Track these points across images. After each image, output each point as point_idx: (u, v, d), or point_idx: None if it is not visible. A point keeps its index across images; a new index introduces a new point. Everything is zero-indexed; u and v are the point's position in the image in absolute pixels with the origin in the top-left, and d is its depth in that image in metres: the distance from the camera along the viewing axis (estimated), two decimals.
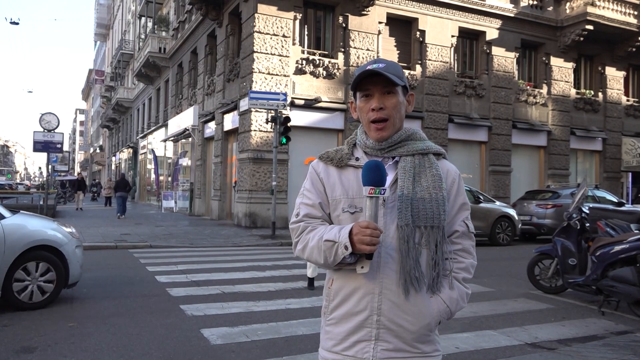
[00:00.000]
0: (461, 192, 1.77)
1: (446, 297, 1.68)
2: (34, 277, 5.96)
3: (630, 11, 20.99)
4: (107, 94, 53.35)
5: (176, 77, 26.95)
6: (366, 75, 1.68)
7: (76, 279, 6.41)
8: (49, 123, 18.65)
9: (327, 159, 1.77)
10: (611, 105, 22.76)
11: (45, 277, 6.02)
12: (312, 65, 16.57)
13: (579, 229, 6.94)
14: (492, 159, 19.94)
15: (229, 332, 5.08)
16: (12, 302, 5.81)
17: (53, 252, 6.11)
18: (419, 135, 1.79)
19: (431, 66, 18.57)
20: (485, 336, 5.12)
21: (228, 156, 19.38)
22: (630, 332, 5.46)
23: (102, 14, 61.60)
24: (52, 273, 6.06)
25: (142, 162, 35.59)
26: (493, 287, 7.64)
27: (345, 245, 1.54)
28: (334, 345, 1.69)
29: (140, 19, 34.95)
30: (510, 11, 19.91)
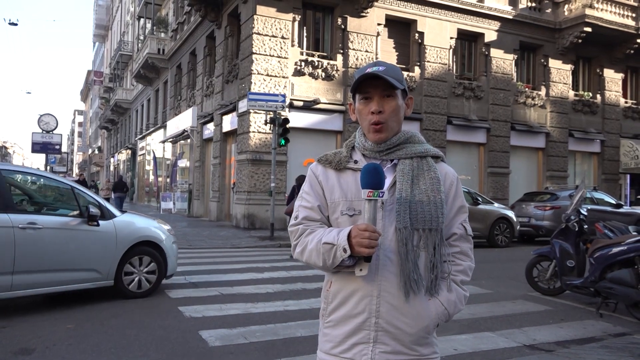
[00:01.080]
0: (459, 195, 1.78)
1: (444, 300, 1.68)
2: (139, 270, 6.65)
3: (628, 13, 21.05)
4: (105, 95, 53.34)
5: (175, 78, 26.95)
6: (366, 78, 1.68)
7: (173, 271, 7.11)
8: (48, 124, 18.66)
9: (325, 162, 1.78)
10: (609, 107, 22.80)
11: (148, 268, 6.71)
12: (311, 66, 16.58)
13: (577, 231, 6.95)
14: (490, 160, 19.96)
15: (227, 334, 5.08)
16: (122, 291, 6.51)
17: (154, 247, 6.80)
18: (418, 138, 1.79)
19: (430, 68, 18.59)
20: (484, 338, 5.13)
21: (227, 157, 19.38)
22: (628, 334, 5.47)
23: (101, 15, 61.64)
24: (153, 264, 6.75)
25: (141, 164, 35.58)
26: (491, 288, 7.64)
27: (344, 248, 1.54)
28: (332, 348, 1.70)
29: (139, 20, 34.98)
30: (509, 13, 19.95)
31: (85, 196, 6.38)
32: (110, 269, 6.35)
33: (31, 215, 5.88)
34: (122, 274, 6.49)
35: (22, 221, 5.62)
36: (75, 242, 6.07)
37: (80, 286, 6.17)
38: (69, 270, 5.98)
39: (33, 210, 6.22)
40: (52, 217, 6.07)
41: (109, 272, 6.35)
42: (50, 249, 5.82)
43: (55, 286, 5.93)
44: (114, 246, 6.37)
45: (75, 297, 6.63)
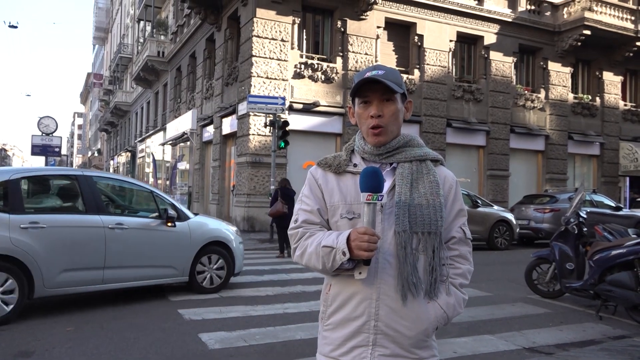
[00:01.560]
0: (458, 199, 1.78)
1: (443, 303, 1.69)
2: (210, 267, 7.20)
3: (627, 16, 21.09)
4: (105, 97, 53.38)
5: (175, 80, 26.98)
6: (365, 82, 1.69)
7: (239, 270, 7.58)
8: (47, 127, 18.66)
9: (325, 165, 1.79)
10: (609, 110, 22.83)
11: (217, 266, 7.25)
12: (310, 69, 16.60)
13: (577, 234, 6.95)
14: (490, 163, 19.97)
15: (227, 337, 5.08)
16: (195, 287, 7.08)
17: (223, 247, 7.32)
18: (417, 141, 1.80)
19: (429, 71, 18.62)
20: (483, 341, 5.13)
21: (226, 160, 19.38)
22: (628, 336, 5.47)
23: (100, 18, 61.69)
24: (222, 262, 7.28)
25: (140, 166, 35.58)
26: (491, 291, 7.64)
27: (343, 251, 1.55)
28: (332, 351, 1.70)
29: (139, 23, 35.02)
30: (508, 16, 19.99)
31: (163, 199, 7.05)
32: (185, 266, 6.91)
33: (118, 216, 6.47)
34: (195, 271, 7.04)
35: (111, 222, 6.24)
36: (155, 241, 6.67)
37: (159, 281, 6.80)
38: (150, 267, 6.60)
39: (119, 212, 6.79)
40: (135, 218, 6.71)
41: (184, 269, 6.92)
42: (135, 247, 6.44)
43: (139, 281, 6.55)
44: (189, 245, 6.96)
45: (75, 300, 6.63)
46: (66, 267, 5.84)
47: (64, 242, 5.85)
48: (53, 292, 5.84)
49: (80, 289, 6.07)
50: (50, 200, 6.63)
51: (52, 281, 5.75)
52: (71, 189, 6.52)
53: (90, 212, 6.17)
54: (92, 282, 6.08)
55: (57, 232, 5.83)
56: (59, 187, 6.78)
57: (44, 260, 5.64)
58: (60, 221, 5.95)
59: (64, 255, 5.82)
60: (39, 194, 6.65)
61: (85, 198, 6.22)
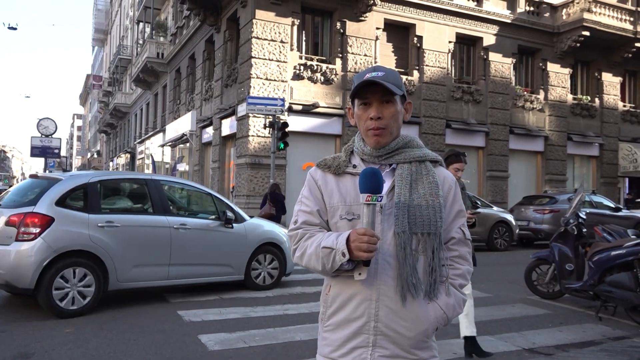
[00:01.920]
0: (457, 200, 1.79)
1: (443, 304, 1.69)
2: (264, 266, 7.61)
3: (626, 17, 21.11)
4: (104, 99, 53.35)
5: (174, 82, 26.98)
6: (365, 84, 1.69)
7: (290, 270, 7.92)
8: (47, 128, 18.66)
9: (324, 167, 1.79)
10: (608, 111, 22.84)
11: (271, 265, 7.67)
12: (310, 70, 16.61)
13: (576, 235, 6.96)
14: (489, 164, 19.98)
15: (226, 338, 5.08)
16: (250, 285, 7.46)
17: (276, 248, 7.71)
18: (416, 142, 1.80)
19: (428, 72, 18.63)
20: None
21: (226, 161, 19.38)
22: (627, 337, 5.48)
23: (100, 20, 61.69)
24: (275, 262, 7.69)
25: (140, 168, 35.55)
26: (490, 292, 7.64)
27: (343, 252, 1.55)
28: (332, 352, 1.70)
29: (138, 25, 35.02)
30: (507, 17, 20.01)
31: (222, 202, 7.53)
32: (241, 265, 7.32)
33: (182, 217, 6.99)
34: (250, 270, 7.46)
35: (176, 222, 6.75)
36: (214, 241, 7.10)
37: (217, 279, 7.21)
38: (209, 265, 7.03)
39: (182, 214, 7.27)
40: (196, 219, 7.19)
41: (240, 268, 7.32)
42: (196, 246, 6.87)
43: (200, 277, 7.04)
44: (245, 246, 7.40)
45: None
46: (137, 263, 6.34)
47: (135, 240, 6.37)
48: (125, 285, 6.35)
49: (149, 284, 6.60)
50: (122, 202, 7.16)
51: (125, 276, 6.26)
52: (141, 192, 7.12)
53: (157, 213, 6.71)
54: (159, 277, 6.59)
55: (129, 230, 6.36)
56: (130, 190, 7.36)
57: (117, 256, 6.16)
58: (132, 221, 6.49)
59: (135, 252, 6.33)
60: (112, 196, 7.10)
61: (153, 200, 6.80)
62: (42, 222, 5.76)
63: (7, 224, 5.85)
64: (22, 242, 5.70)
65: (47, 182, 6.32)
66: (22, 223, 5.73)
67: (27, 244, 5.69)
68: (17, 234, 5.73)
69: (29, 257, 5.64)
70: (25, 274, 5.63)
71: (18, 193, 6.67)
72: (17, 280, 5.68)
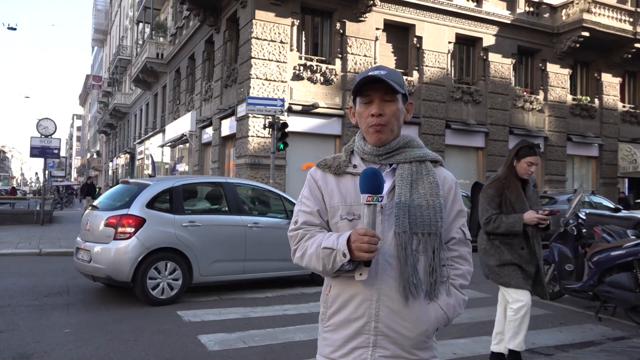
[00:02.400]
0: (458, 200, 1.78)
1: (443, 304, 1.69)
2: None
3: (625, 18, 21.12)
4: (104, 99, 53.34)
5: (174, 82, 26.97)
6: (367, 81, 1.69)
7: None
8: (46, 128, 18.64)
9: (324, 167, 1.79)
10: (607, 112, 22.85)
11: None
12: (309, 71, 16.61)
13: (576, 235, 6.95)
14: (489, 164, 19.98)
15: (226, 338, 5.07)
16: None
17: None
18: (417, 142, 1.80)
19: (428, 72, 18.63)
20: (483, 342, 5.13)
21: (225, 162, 19.38)
22: (627, 337, 5.47)
23: (99, 20, 61.68)
24: None
25: (140, 168, 35.54)
26: (490, 293, 7.63)
27: (344, 253, 1.55)
28: (332, 352, 1.70)
29: (137, 25, 35.01)
30: (507, 18, 20.01)
31: (290, 202, 7.96)
32: None
33: (254, 217, 7.55)
34: None
35: (250, 221, 7.33)
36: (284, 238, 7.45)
37: (287, 273, 7.64)
38: (280, 260, 7.36)
39: (255, 213, 7.82)
40: (267, 218, 7.78)
41: None
42: (268, 243, 7.36)
43: (271, 272, 7.54)
44: None
45: (74, 302, 6.63)
46: (216, 258, 6.95)
47: (214, 237, 6.96)
48: (206, 279, 6.98)
49: (227, 278, 7.21)
50: (202, 203, 7.85)
51: (206, 270, 6.89)
52: (217, 194, 7.73)
53: (233, 213, 7.30)
54: (236, 272, 7.17)
55: (209, 229, 6.98)
56: (207, 192, 8.01)
57: (200, 253, 6.80)
58: (212, 220, 7.16)
59: (215, 248, 6.92)
60: (193, 198, 7.78)
61: (229, 201, 7.40)
62: (136, 223, 6.51)
63: (106, 225, 6.61)
64: (119, 240, 6.45)
65: (137, 187, 7.08)
66: (118, 224, 6.49)
67: (124, 243, 6.43)
68: (114, 234, 6.49)
69: (126, 254, 6.38)
70: (123, 269, 6.38)
71: (112, 197, 7.48)
72: (117, 274, 6.42)
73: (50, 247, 11.71)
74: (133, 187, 7.20)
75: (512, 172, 4.13)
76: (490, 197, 4.14)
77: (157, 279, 6.55)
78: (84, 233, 7.15)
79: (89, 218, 7.17)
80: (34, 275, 8.52)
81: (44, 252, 11.15)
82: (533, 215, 3.98)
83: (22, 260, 10.28)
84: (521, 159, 4.09)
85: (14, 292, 7.10)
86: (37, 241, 12.82)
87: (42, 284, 7.76)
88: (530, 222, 3.98)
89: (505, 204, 4.08)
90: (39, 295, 6.98)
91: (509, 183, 4.11)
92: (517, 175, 4.12)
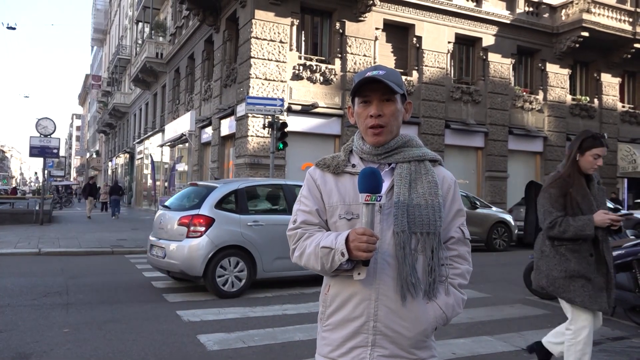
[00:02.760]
0: (457, 199, 1.78)
1: (442, 303, 1.69)
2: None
3: (625, 18, 21.13)
4: (103, 99, 53.30)
5: (173, 82, 26.96)
6: (366, 81, 1.69)
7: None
8: (46, 128, 18.65)
9: (323, 166, 1.78)
10: (607, 112, 22.86)
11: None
12: (309, 71, 16.61)
13: None
14: (488, 164, 19.99)
15: (225, 338, 5.07)
16: None
17: None
18: (415, 142, 1.80)
19: (428, 72, 18.63)
20: (482, 342, 5.13)
21: (225, 161, 19.37)
22: (626, 337, 5.48)
23: (99, 19, 61.63)
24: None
25: (139, 168, 35.53)
26: (489, 292, 7.64)
27: (342, 252, 1.55)
28: (331, 351, 1.70)
29: (137, 25, 34.99)
30: (507, 18, 20.02)
31: None
32: None
33: None
34: None
35: None
36: None
37: None
38: None
39: None
40: None
41: None
42: None
43: None
44: None
45: (72, 302, 6.62)
46: (278, 255, 7.30)
47: (275, 236, 7.25)
48: (269, 275, 7.46)
49: (288, 274, 7.60)
50: (264, 204, 8.31)
51: (269, 266, 7.37)
52: (278, 195, 8.24)
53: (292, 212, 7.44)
54: (295, 268, 7.25)
55: (272, 228, 7.37)
56: (268, 193, 8.49)
57: (263, 250, 7.29)
58: (273, 220, 7.57)
59: (276, 246, 7.24)
60: (256, 199, 8.20)
61: (288, 202, 7.82)
62: (206, 222, 7.08)
63: (179, 224, 7.19)
64: (191, 238, 7.03)
65: (205, 189, 7.64)
66: (191, 223, 7.07)
67: (196, 240, 7.00)
68: (187, 232, 7.07)
69: (198, 251, 6.95)
70: (196, 264, 6.94)
71: (182, 198, 8.05)
72: (190, 269, 6.98)
73: (49, 247, 11.71)
74: (202, 189, 7.80)
75: (575, 168, 3.60)
76: (553, 197, 3.60)
77: (225, 274, 7.07)
78: (158, 231, 7.71)
79: (161, 218, 7.75)
80: (33, 275, 8.52)
81: (43, 252, 11.14)
82: (605, 216, 3.47)
83: (21, 260, 10.28)
84: (585, 151, 3.57)
85: (13, 292, 7.10)
86: (37, 241, 12.82)
87: (41, 283, 7.76)
88: (602, 224, 3.48)
89: (571, 205, 3.56)
90: (38, 295, 6.97)
91: (573, 181, 3.58)
92: (581, 171, 3.60)
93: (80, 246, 12.16)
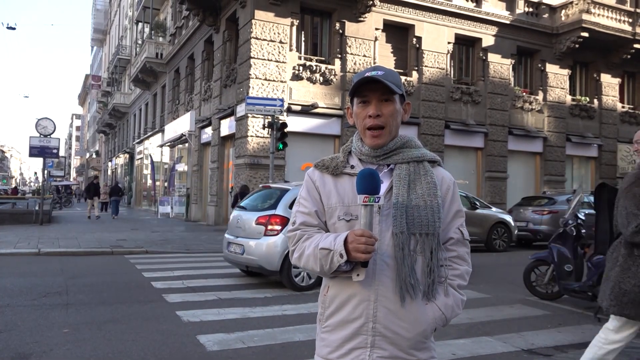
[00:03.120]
0: (456, 200, 1.78)
1: (441, 304, 1.68)
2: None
3: (624, 18, 21.14)
4: (103, 99, 53.29)
5: (173, 82, 26.97)
6: (365, 81, 1.69)
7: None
8: (45, 128, 18.64)
9: (322, 167, 1.78)
10: (606, 112, 22.87)
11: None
12: (309, 71, 16.61)
13: (575, 235, 6.96)
14: (488, 165, 19.99)
15: (225, 339, 5.07)
16: None
17: None
18: (414, 142, 1.80)
19: (427, 72, 18.64)
20: (482, 342, 5.12)
21: (225, 162, 19.38)
22: None
23: (99, 19, 61.62)
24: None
25: (139, 168, 35.54)
26: (489, 293, 7.64)
27: (341, 254, 1.55)
28: (330, 353, 1.70)
29: (137, 25, 35.00)
30: (506, 18, 20.03)
31: None
32: None
33: None
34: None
35: None
36: None
37: None
38: None
39: None
40: None
41: None
42: None
43: None
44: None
45: (72, 302, 6.62)
46: None
47: None
48: None
49: None
50: None
51: None
52: None
53: None
54: None
55: None
56: None
57: None
58: None
59: None
60: None
61: None
62: (282, 222, 7.54)
63: (256, 223, 7.72)
64: (269, 236, 7.54)
65: (279, 191, 8.10)
66: (268, 222, 7.60)
67: (273, 238, 7.50)
68: (265, 231, 7.59)
69: (275, 248, 7.43)
70: (273, 260, 7.43)
71: (257, 200, 8.54)
72: (268, 264, 7.47)
73: (49, 247, 11.71)
74: (275, 191, 8.29)
75: None
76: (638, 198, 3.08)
77: (299, 270, 7.46)
78: (235, 230, 8.26)
79: (238, 218, 8.29)
80: (33, 275, 8.52)
81: (43, 252, 11.13)
82: None
83: (21, 260, 10.27)
84: None
85: (12, 292, 7.09)
86: (36, 241, 12.81)
87: (41, 283, 7.75)
88: None
89: None
90: (38, 295, 6.97)
91: None
92: None
93: (79, 246, 12.15)
